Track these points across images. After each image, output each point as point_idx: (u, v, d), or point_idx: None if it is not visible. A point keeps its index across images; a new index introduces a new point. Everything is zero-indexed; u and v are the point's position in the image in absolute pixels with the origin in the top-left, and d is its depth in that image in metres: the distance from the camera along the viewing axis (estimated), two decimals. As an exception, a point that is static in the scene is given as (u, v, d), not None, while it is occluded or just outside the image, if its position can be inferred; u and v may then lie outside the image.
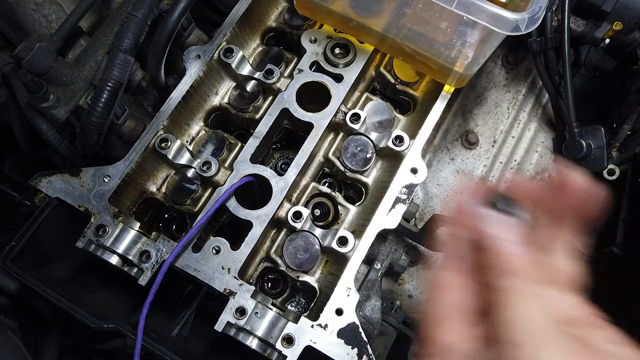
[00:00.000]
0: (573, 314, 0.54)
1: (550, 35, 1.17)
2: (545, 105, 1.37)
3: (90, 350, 1.28)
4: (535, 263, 0.53)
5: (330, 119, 1.04)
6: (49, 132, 1.09)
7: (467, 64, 0.97)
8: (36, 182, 1.00)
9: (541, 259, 0.55)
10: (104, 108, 0.98)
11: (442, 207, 1.26)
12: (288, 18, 1.18)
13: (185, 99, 1.06)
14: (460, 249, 0.58)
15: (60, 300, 0.96)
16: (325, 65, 1.08)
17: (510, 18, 0.82)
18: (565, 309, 0.54)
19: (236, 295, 0.93)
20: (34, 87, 1.00)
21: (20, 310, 1.18)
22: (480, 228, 0.56)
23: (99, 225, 0.96)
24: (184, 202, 1.04)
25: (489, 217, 0.55)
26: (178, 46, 1.20)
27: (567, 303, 0.55)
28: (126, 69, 1.00)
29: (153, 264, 0.95)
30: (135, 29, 1.01)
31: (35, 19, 1.11)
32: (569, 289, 0.57)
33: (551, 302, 0.52)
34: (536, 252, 0.55)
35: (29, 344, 1.17)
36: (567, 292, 0.56)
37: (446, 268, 0.58)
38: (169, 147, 1.03)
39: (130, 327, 0.94)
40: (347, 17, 1.03)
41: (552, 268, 0.56)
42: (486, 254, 0.54)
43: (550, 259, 0.57)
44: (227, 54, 1.08)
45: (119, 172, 1.00)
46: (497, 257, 0.53)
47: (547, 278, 0.53)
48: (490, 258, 0.54)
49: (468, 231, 0.57)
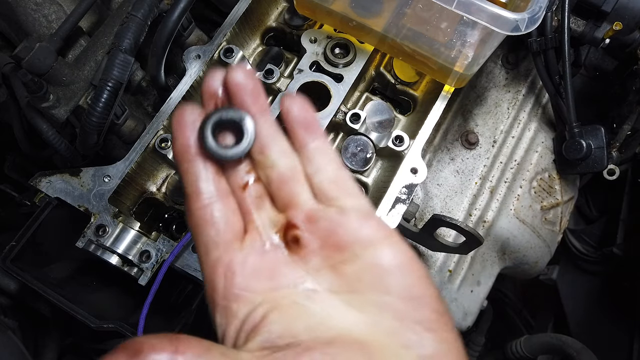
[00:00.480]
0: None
1: (550, 35, 1.17)
2: (545, 105, 1.37)
3: (90, 350, 1.28)
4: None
5: (330, 119, 1.04)
6: (49, 132, 1.09)
7: (467, 64, 0.97)
8: (36, 182, 1.00)
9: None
10: (104, 108, 0.98)
11: (442, 207, 1.26)
12: (288, 18, 1.18)
13: (186, 99, 1.06)
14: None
15: (60, 300, 0.96)
16: (325, 65, 1.08)
17: (510, 18, 0.82)
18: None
19: (236, 295, 0.92)
20: (34, 87, 1.00)
21: (20, 310, 1.19)
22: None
23: (99, 225, 0.96)
24: (184, 202, 1.04)
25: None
26: (178, 46, 1.20)
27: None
28: (126, 69, 1.00)
29: (153, 264, 0.95)
30: (135, 29, 1.01)
31: (35, 18, 1.11)
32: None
33: None
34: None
35: (29, 344, 1.18)
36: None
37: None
38: (169, 147, 1.03)
39: (130, 327, 0.94)
40: (347, 17, 1.03)
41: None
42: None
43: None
44: (227, 54, 1.08)
45: (119, 172, 1.00)
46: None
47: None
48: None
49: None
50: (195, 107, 0.52)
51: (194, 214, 0.52)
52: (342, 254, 0.50)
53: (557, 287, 1.79)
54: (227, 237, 0.51)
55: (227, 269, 0.50)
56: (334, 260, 0.51)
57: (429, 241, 1.09)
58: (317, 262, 0.51)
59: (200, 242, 0.52)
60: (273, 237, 0.53)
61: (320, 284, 0.50)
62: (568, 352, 1.36)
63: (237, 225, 0.52)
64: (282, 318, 0.47)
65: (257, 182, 0.54)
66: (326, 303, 0.49)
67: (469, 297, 1.31)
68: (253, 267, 0.50)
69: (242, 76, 0.52)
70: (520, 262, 1.36)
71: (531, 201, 1.32)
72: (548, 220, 1.36)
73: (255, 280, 0.50)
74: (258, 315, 0.48)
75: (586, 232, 1.76)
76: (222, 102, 0.53)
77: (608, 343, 1.65)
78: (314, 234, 0.52)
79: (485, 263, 1.33)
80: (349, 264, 0.50)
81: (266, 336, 0.46)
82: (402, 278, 0.49)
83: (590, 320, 1.73)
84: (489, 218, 1.28)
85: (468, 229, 0.97)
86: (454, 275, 1.29)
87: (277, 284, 0.50)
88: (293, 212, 0.53)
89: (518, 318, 1.88)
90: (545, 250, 1.37)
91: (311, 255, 0.51)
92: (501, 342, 1.62)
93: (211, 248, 0.51)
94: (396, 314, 0.48)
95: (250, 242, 0.52)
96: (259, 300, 0.49)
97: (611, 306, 1.70)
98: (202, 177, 0.52)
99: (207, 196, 0.52)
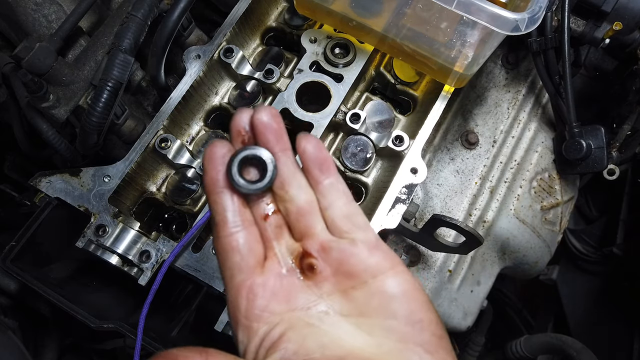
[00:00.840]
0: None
1: (550, 35, 1.17)
2: (545, 105, 1.37)
3: (90, 350, 1.28)
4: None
5: (330, 119, 1.04)
6: (49, 132, 1.09)
7: (467, 64, 0.97)
8: (36, 182, 1.00)
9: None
10: (104, 108, 0.98)
11: (442, 207, 1.26)
12: (288, 18, 1.18)
13: (185, 99, 1.06)
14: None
15: (60, 300, 0.96)
16: (325, 65, 1.08)
17: (510, 18, 0.82)
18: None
19: (236, 295, 0.92)
20: (33, 87, 1.00)
21: (20, 310, 1.19)
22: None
23: (99, 225, 0.95)
24: (184, 202, 1.04)
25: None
26: (178, 46, 1.20)
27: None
28: (126, 69, 1.00)
29: (153, 264, 0.95)
30: (135, 29, 1.00)
31: (35, 18, 1.11)
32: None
33: None
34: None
35: (29, 344, 1.18)
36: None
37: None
38: (169, 147, 1.03)
39: (130, 327, 0.94)
40: (347, 17, 1.03)
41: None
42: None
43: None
44: (227, 53, 1.08)
45: (118, 172, 1.00)
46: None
47: None
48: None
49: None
50: (225, 142, 0.58)
51: (222, 240, 0.57)
52: (352, 281, 0.57)
53: (557, 287, 1.79)
54: (251, 262, 0.57)
55: (250, 291, 0.56)
56: (345, 286, 0.57)
57: (429, 241, 1.09)
58: (329, 288, 0.57)
59: (226, 266, 0.57)
60: (290, 263, 0.59)
61: (331, 307, 0.56)
62: (568, 352, 1.36)
63: (259, 252, 0.58)
64: (298, 337, 0.53)
65: (277, 214, 0.60)
66: (337, 325, 0.55)
67: (469, 297, 1.31)
68: (272, 291, 0.56)
69: (267, 117, 0.57)
70: (520, 262, 1.35)
71: (531, 201, 1.32)
72: (548, 220, 1.36)
73: (274, 302, 0.56)
74: (276, 334, 0.53)
75: (586, 232, 1.76)
76: (249, 138, 0.59)
77: (608, 343, 1.65)
78: (327, 262, 0.58)
79: (485, 263, 1.33)
80: (359, 290, 0.56)
81: (283, 353, 0.52)
82: (406, 304, 0.55)
83: (590, 320, 1.73)
84: (489, 218, 1.28)
85: (468, 229, 0.97)
86: (454, 275, 1.29)
87: (293, 306, 0.56)
88: (309, 242, 0.59)
89: (518, 318, 1.88)
90: (545, 250, 1.37)
91: (324, 282, 0.57)
92: (501, 342, 1.62)
93: (236, 272, 0.56)
94: (400, 336, 0.54)
95: (270, 267, 0.58)
96: (277, 320, 0.55)
97: (611, 306, 1.70)
98: (229, 208, 0.57)
99: (232, 225, 0.57)
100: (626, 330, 1.59)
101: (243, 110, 0.59)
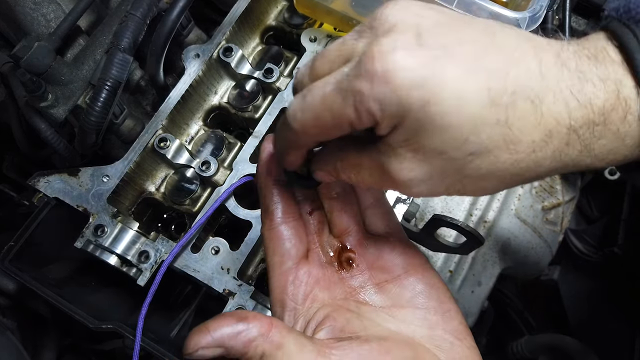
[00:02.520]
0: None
1: (551, 35, 1.17)
2: (546, 104, 1.37)
3: (89, 350, 1.27)
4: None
5: (330, 119, 1.03)
6: (48, 132, 1.09)
7: (468, 63, 0.97)
8: (34, 182, 0.99)
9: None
10: (102, 107, 0.98)
11: (442, 207, 1.26)
12: (288, 17, 1.17)
13: (185, 99, 1.05)
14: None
15: (58, 300, 0.96)
16: (325, 65, 1.07)
17: (511, 17, 0.81)
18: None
19: (235, 295, 0.92)
20: (32, 86, 0.99)
21: (19, 310, 1.18)
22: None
23: (98, 225, 0.95)
24: (183, 202, 1.04)
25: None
26: (177, 45, 1.19)
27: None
28: (125, 68, 0.99)
29: (152, 264, 0.94)
30: (134, 28, 1.00)
31: (34, 17, 1.11)
32: None
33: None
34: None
35: (28, 345, 1.17)
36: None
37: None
38: (168, 146, 1.02)
39: (129, 327, 0.93)
40: (348, 16, 1.02)
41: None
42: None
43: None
44: (227, 53, 1.07)
45: (117, 172, 0.99)
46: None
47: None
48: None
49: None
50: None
51: (275, 228, 0.62)
52: (386, 275, 0.63)
53: (558, 287, 1.79)
54: (299, 251, 0.62)
55: (296, 278, 0.60)
56: (379, 279, 0.63)
57: (430, 241, 1.08)
58: (365, 280, 0.63)
59: (276, 253, 0.61)
60: (330, 256, 0.64)
61: (367, 298, 0.62)
62: (569, 353, 1.35)
63: (306, 243, 0.63)
64: (342, 318, 0.58)
65: (320, 210, 0.66)
66: (374, 314, 0.60)
67: (469, 298, 1.30)
68: (316, 279, 0.61)
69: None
70: (521, 263, 1.35)
71: (532, 201, 1.31)
72: (549, 220, 1.35)
73: (318, 289, 0.61)
74: (321, 316, 0.58)
75: (587, 232, 1.75)
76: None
77: (609, 343, 1.64)
78: (364, 257, 0.64)
79: (486, 263, 1.32)
80: (391, 283, 0.62)
81: (330, 329, 0.56)
82: (435, 296, 0.61)
83: (591, 321, 1.73)
84: (489, 218, 1.27)
85: (469, 229, 0.96)
86: (455, 275, 1.28)
87: (333, 295, 0.61)
88: (348, 238, 0.65)
89: (519, 318, 1.87)
90: (546, 251, 1.37)
91: (360, 275, 0.63)
92: (502, 342, 1.61)
93: (285, 259, 0.61)
94: (431, 324, 0.59)
95: (313, 258, 0.63)
96: (320, 305, 0.60)
97: (612, 306, 1.70)
98: (281, 199, 0.62)
99: (283, 216, 0.62)
100: (628, 330, 1.59)
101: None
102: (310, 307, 0.59)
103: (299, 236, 0.62)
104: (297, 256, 0.61)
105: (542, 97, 0.47)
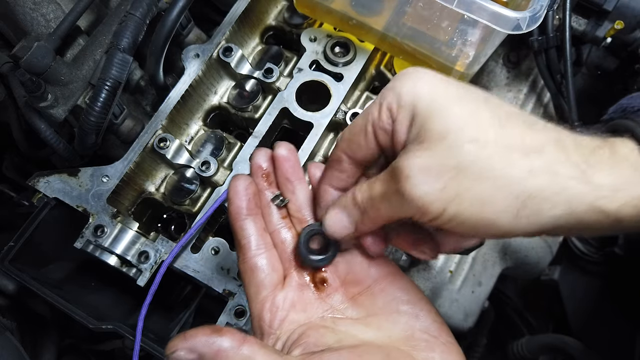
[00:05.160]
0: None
1: (551, 34, 1.16)
2: (547, 104, 1.36)
3: (88, 351, 1.27)
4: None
5: (330, 119, 1.03)
6: (47, 132, 1.09)
7: (468, 63, 0.97)
8: (34, 182, 0.99)
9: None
10: (102, 107, 0.97)
11: (443, 207, 1.26)
12: (288, 16, 1.17)
13: (184, 98, 1.05)
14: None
15: (58, 301, 0.96)
16: (325, 64, 1.07)
17: (511, 17, 0.81)
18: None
19: (235, 296, 0.92)
20: (32, 86, 0.99)
21: (19, 310, 1.18)
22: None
23: (98, 225, 0.95)
24: (183, 202, 1.03)
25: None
26: (177, 45, 1.19)
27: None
28: (125, 68, 0.99)
29: (152, 264, 0.94)
30: (133, 27, 1.00)
31: (34, 17, 1.11)
32: None
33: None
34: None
35: (27, 345, 1.17)
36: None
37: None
38: (167, 146, 1.02)
39: (129, 328, 0.93)
40: (347, 16, 1.02)
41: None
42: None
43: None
44: (226, 52, 1.07)
45: (117, 172, 0.99)
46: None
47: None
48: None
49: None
50: (246, 176, 0.66)
51: (248, 261, 0.66)
52: (358, 287, 0.67)
53: (558, 287, 1.79)
54: (273, 280, 0.65)
55: (272, 305, 0.64)
56: (352, 293, 0.67)
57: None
58: (339, 297, 0.67)
59: (252, 283, 0.65)
60: (305, 279, 0.68)
61: (342, 313, 0.65)
62: (570, 353, 1.35)
63: (280, 270, 0.67)
64: (316, 334, 0.61)
65: (295, 237, 0.70)
66: (349, 326, 0.63)
67: (470, 298, 1.30)
68: (291, 302, 0.65)
69: (286, 151, 0.68)
70: (521, 263, 1.35)
71: (532, 201, 1.31)
72: (549, 220, 1.35)
73: (293, 312, 0.64)
74: (296, 335, 0.62)
75: (587, 232, 1.75)
76: (267, 173, 0.69)
77: (610, 343, 1.64)
78: (336, 274, 0.68)
79: (486, 264, 1.32)
80: (364, 295, 0.66)
81: (304, 346, 0.60)
82: (406, 299, 0.64)
83: (592, 321, 1.72)
84: (490, 218, 1.27)
85: (469, 229, 0.97)
86: (455, 276, 1.28)
87: (309, 316, 0.65)
88: None
89: (519, 319, 1.87)
90: (547, 251, 1.36)
91: (334, 292, 0.67)
92: (502, 342, 1.61)
93: (261, 289, 0.65)
94: (405, 326, 0.62)
95: (289, 284, 0.67)
96: (295, 327, 0.63)
97: (613, 306, 1.69)
98: (253, 233, 0.66)
99: (256, 248, 0.66)
100: (628, 330, 1.59)
101: (261, 149, 0.70)
102: (287, 330, 0.63)
103: (272, 265, 0.66)
104: (272, 284, 0.65)
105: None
